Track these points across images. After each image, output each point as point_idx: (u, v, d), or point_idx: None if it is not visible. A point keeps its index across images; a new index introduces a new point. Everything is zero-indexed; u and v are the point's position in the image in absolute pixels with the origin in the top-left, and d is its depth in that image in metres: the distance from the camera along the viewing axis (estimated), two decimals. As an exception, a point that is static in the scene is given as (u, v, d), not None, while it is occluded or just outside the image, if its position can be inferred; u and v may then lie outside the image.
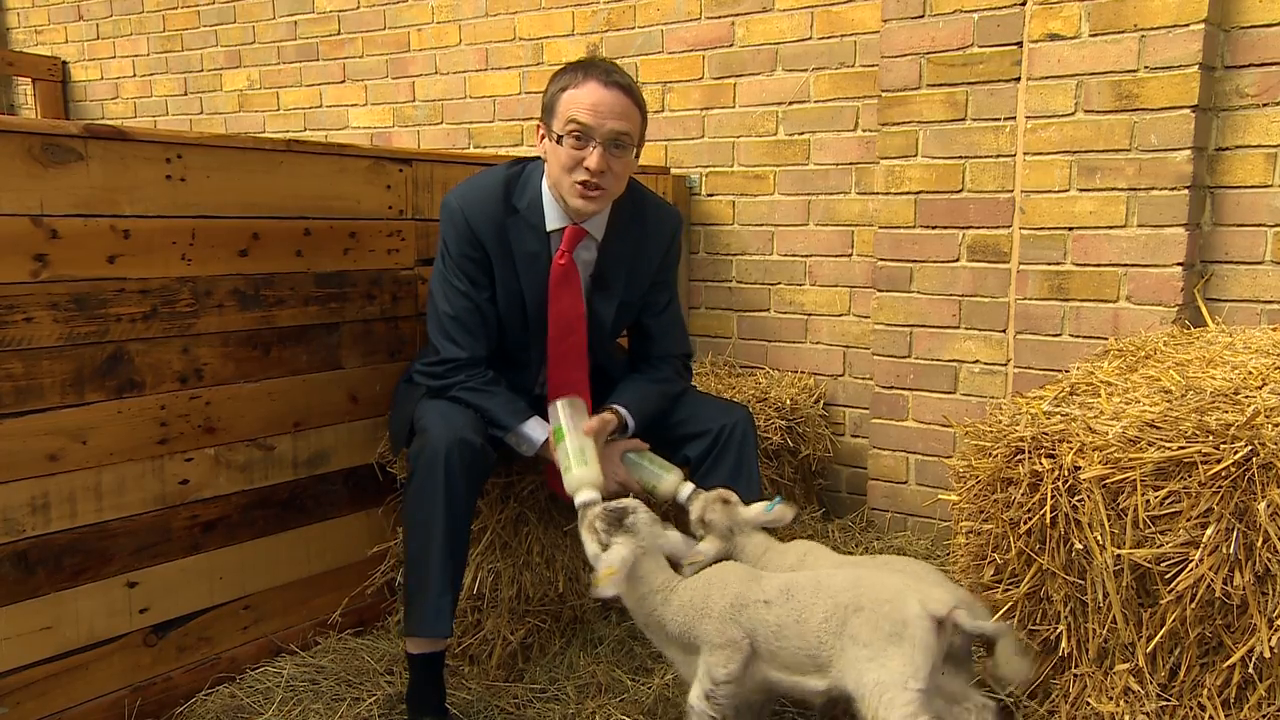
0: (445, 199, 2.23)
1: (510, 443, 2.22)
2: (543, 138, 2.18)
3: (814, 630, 1.71)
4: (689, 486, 2.15)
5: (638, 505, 1.90)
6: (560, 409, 2.15)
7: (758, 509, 2.03)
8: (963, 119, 2.94)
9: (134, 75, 5.20)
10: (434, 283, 2.26)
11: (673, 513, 2.22)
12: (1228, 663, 1.60)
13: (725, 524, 2.01)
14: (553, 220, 2.23)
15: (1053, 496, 1.71)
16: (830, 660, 1.70)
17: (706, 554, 1.97)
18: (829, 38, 3.30)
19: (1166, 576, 1.61)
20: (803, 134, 3.39)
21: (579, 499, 2.01)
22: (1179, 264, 2.67)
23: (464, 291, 2.20)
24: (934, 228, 3.02)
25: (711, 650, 1.79)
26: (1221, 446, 1.58)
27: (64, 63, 5.41)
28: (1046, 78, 2.78)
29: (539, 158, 2.26)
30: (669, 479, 2.20)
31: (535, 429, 2.20)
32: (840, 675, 1.69)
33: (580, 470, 2.05)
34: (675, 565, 1.94)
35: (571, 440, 2.10)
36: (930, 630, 1.64)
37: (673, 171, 3.59)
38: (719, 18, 3.50)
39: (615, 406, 2.24)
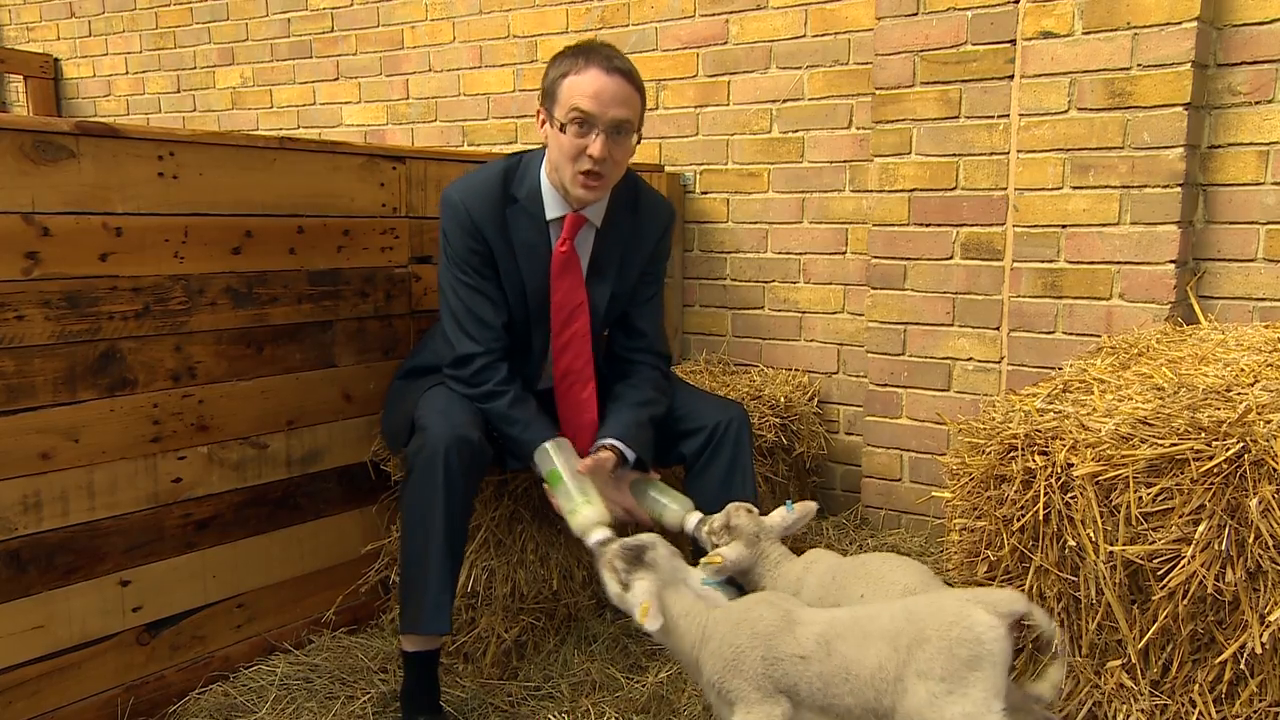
0: (445, 193, 2.21)
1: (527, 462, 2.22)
2: (544, 122, 2.17)
3: (867, 682, 1.57)
4: (696, 516, 2.11)
5: (655, 540, 1.78)
6: (550, 452, 2.10)
7: (780, 513, 2.01)
8: (956, 117, 2.94)
9: (126, 72, 5.18)
10: (441, 279, 2.24)
11: (688, 545, 2.18)
12: (1219, 659, 1.61)
13: (753, 529, 1.98)
14: (552, 209, 2.22)
15: (1046, 493, 1.71)
16: (895, 705, 1.55)
17: (727, 557, 1.93)
18: (823, 35, 3.30)
19: (1159, 573, 1.62)
20: (797, 132, 3.39)
21: (592, 539, 1.94)
22: (1172, 261, 2.67)
23: (471, 284, 2.19)
24: (928, 225, 3.03)
25: (748, 710, 1.62)
26: (1214, 443, 1.59)
27: (56, 60, 5.39)
28: (1040, 75, 2.79)
29: (536, 149, 2.25)
30: (674, 509, 2.17)
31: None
32: (911, 717, 1.53)
33: (587, 510, 2.00)
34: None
35: (570, 482, 2.06)
36: (1005, 639, 1.52)
37: (667, 169, 3.58)
38: (713, 15, 3.50)
39: (611, 443, 2.16)
